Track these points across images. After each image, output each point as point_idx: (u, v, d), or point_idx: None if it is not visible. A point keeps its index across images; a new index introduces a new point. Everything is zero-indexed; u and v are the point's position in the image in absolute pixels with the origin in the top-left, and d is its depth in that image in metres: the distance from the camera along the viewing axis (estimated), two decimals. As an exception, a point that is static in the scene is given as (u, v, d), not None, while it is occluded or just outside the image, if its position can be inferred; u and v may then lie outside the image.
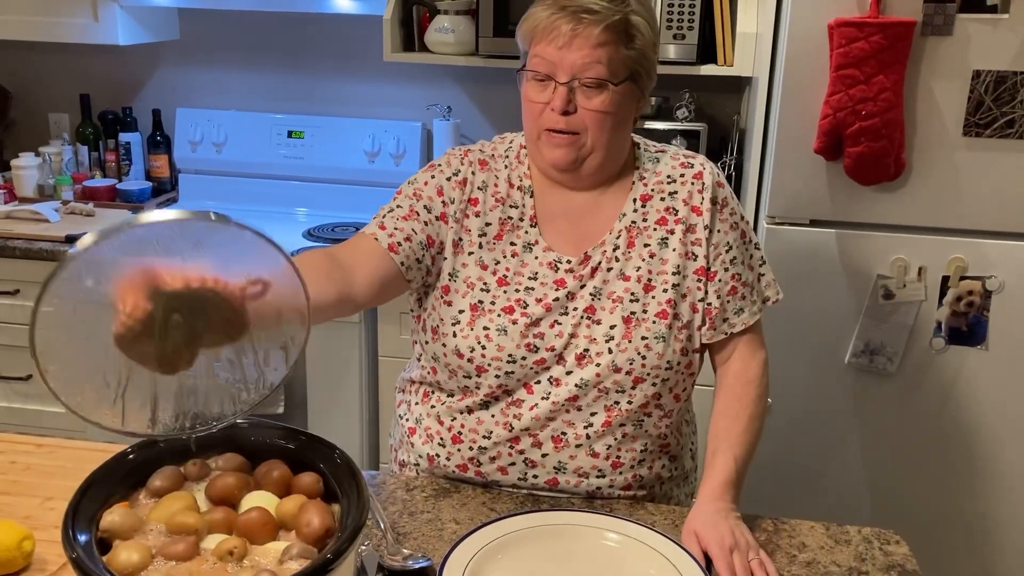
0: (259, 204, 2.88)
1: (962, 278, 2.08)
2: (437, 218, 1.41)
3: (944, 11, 1.92)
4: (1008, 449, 2.16)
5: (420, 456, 1.47)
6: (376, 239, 1.39)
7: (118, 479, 1.02)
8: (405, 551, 1.22)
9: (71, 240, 2.60)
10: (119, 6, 2.70)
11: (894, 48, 1.90)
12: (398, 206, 1.43)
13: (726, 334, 1.42)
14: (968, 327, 2.10)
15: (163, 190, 3.04)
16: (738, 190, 2.46)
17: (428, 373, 1.46)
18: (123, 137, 3.03)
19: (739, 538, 1.25)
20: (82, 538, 0.91)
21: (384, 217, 1.42)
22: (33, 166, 2.94)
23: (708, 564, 1.22)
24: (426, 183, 1.43)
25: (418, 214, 1.41)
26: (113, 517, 0.96)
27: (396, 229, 1.39)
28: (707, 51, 2.45)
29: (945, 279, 2.08)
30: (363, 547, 1.19)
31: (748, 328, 1.43)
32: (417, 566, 1.19)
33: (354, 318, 2.45)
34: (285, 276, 0.95)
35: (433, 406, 1.45)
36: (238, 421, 1.06)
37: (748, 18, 2.38)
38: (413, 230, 1.40)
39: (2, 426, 2.56)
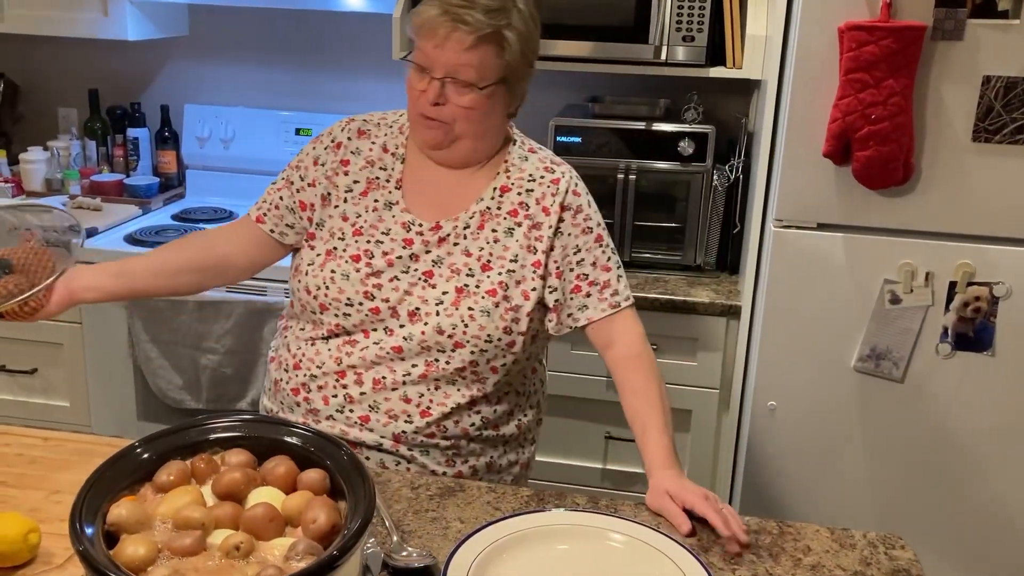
0: (266, 201, 2.88)
1: (969, 284, 2.07)
2: (310, 184, 1.60)
3: (955, 16, 1.92)
4: (1014, 455, 2.15)
5: (270, 381, 1.64)
6: (248, 213, 1.65)
7: (125, 473, 1.03)
8: (409, 549, 1.22)
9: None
10: (129, 2, 2.70)
11: (904, 52, 1.89)
12: (280, 178, 1.64)
13: (571, 328, 1.57)
14: (975, 333, 2.10)
15: (170, 186, 3.05)
16: (745, 193, 2.46)
17: (290, 309, 1.65)
18: (131, 132, 3.04)
19: (707, 492, 1.35)
20: (89, 531, 0.91)
21: (266, 189, 1.65)
22: (41, 160, 2.94)
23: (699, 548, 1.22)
24: (307, 154, 1.63)
25: (291, 183, 1.62)
26: (120, 511, 0.96)
27: (264, 201, 1.64)
28: (716, 53, 2.45)
29: (952, 284, 2.08)
30: (368, 545, 1.19)
31: (620, 314, 1.56)
32: (421, 564, 1.19)
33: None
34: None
35: (286, 337, 1.63)
36: (245, 417, 1.07)
37: (758, 21, 2.38)
38: (281, 198, 1.62)
39: (8, 419, 2.57)
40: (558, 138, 2.49)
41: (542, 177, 1.58)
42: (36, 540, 1.15)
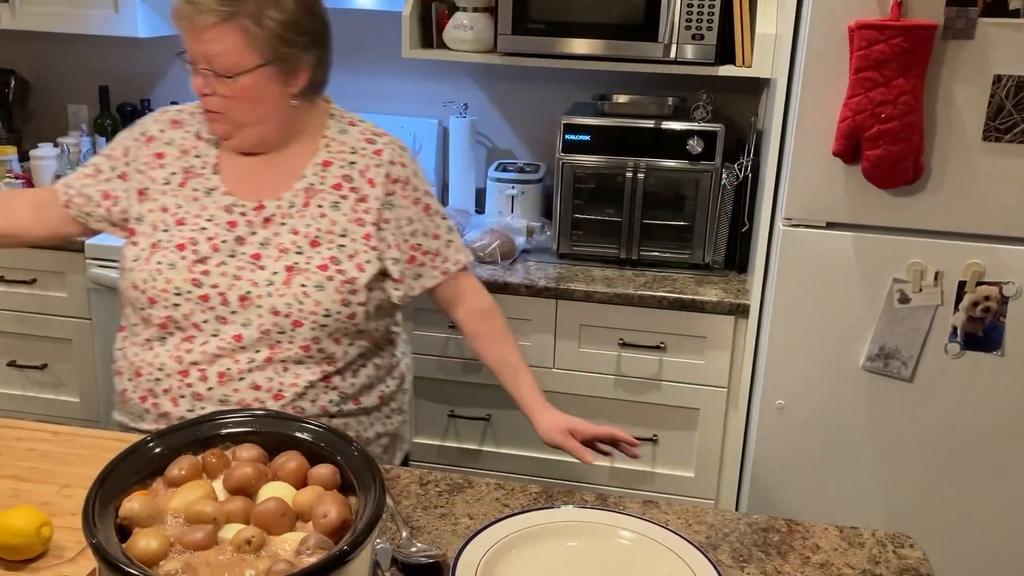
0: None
1: (979, 283, 2.07)
2: (119, 176, 1.59)
3: (966, 15, 1.91)
4: (1023, 455, 2.15)
5: (117, 392, 1.60)
6: (56, 191, 1.63)
7: (137, 468, 1.03)
8: (419, 545, 1.22)
9: (88, 231, 2.62)
10: (139, -1, 2.72)
11: (915, 51, 1.89)
12: (92, 164, 1.62)
13: (410, 297, 1.60)
14: (984, 333, 2.09)
15: (180, 183, 3.05)
16: (755, 192, 2.45)
17: (124, 314, 1.60)
18: (141, 129, 3.04)
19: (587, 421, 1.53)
20: (102, 524, 0.92)
21: (71, 176, 1.63)
22: (52, 157, 2.95)
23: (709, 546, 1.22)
24: (119, 143, 1.62)
25: (100, 172, 1.61)
26: (132, 505, 0.96)
27: (70, 187, 1.61)
28: (726, 52, 2.45)
29: (962, 284, 2.07)
30: (378, 541, 1.19)
31: (455, 277, 1.63)
32: (431, 560, 1.19)
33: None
34: None
35: (123, 346, 1.59)
36: (256, 412, 1.07)
37: (768, 19, 2.37)
38: (87, 186, 1.60)
39: (18, 415, 2.58)
40: (567, 136, 2.49)
41: (363, 149, 1.58)
42: (48, 534, 1.16)
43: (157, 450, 1.06)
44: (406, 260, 1.58)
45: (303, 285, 1.48)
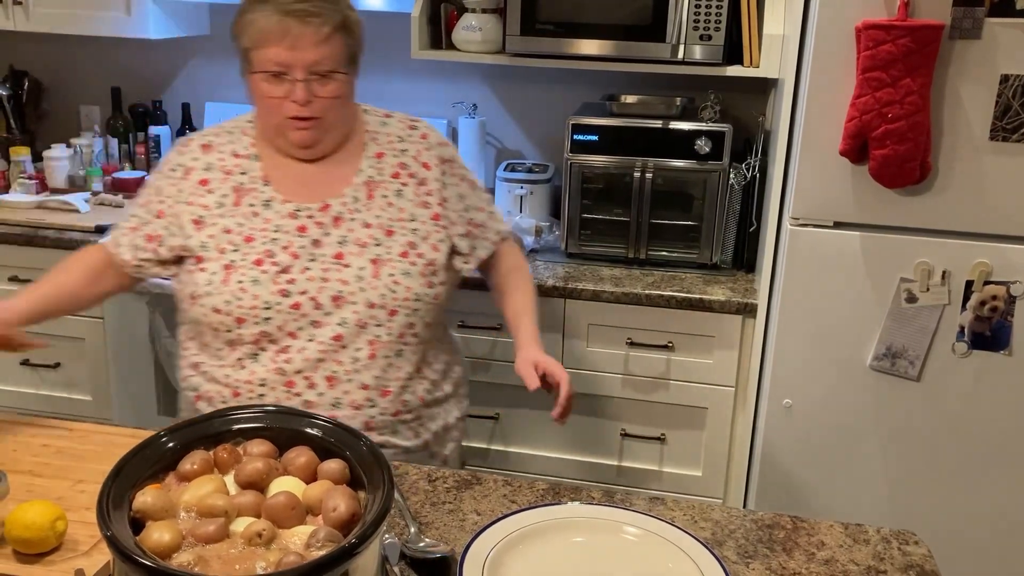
0: (285, 198, 2.91)
1: (986, 283, 2.07)
2: (155, 216, 1.60)
3: (973, 15, 1.92)
4: (1030, 455, 2.15)
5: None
6: (106, 250, 1.63)
7: (150, 462, 1.05)
8: (427, 540, 1.24)
9: (100, 230, 2.64)
10: (151, 1, 2.74)
11: (922, 51, 1.89)
12: (132, 216, 1.64)
13: (470, 269, 1.69)
14: (992, 332, 2.10)
15: (191, 183, 3.08)
16: (762, 192, 2.46)
17: (192, 343, 1.60)
18: (153, 130, 3.07)
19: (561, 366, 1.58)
20: (116, 517, 0.93)
21: (118, 232, 1.64)
22: (64, 157, 2.98)
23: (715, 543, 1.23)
24: (151, 186, 1.63)
25: (139, 218, 1.62)
26: (146, 498, 0.98)
27: (119, 244, 1.62)
28: (733, 52, 2.46)
29: (969, 283, 2.08)
30: (386, 536, 1.21)
31: (504, 239, 1.75)
32: (438, 555, 1.20)
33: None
34: None
35: (205, 371, 1.57)
36: (267, 408, 1.08)
37: (775, 20, 2.38)
38: (133, 239, 1.61)
39: (31, 413, 2.60)
40: (575, 136, 2.50)
41: (409, 136, 1.66)
42: (63, 528, 1.18)
43: (170, 445, 1.07)
44: (465, 234, 1.66)
45: (391, 274, 1.54)
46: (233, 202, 1.56)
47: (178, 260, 1.59)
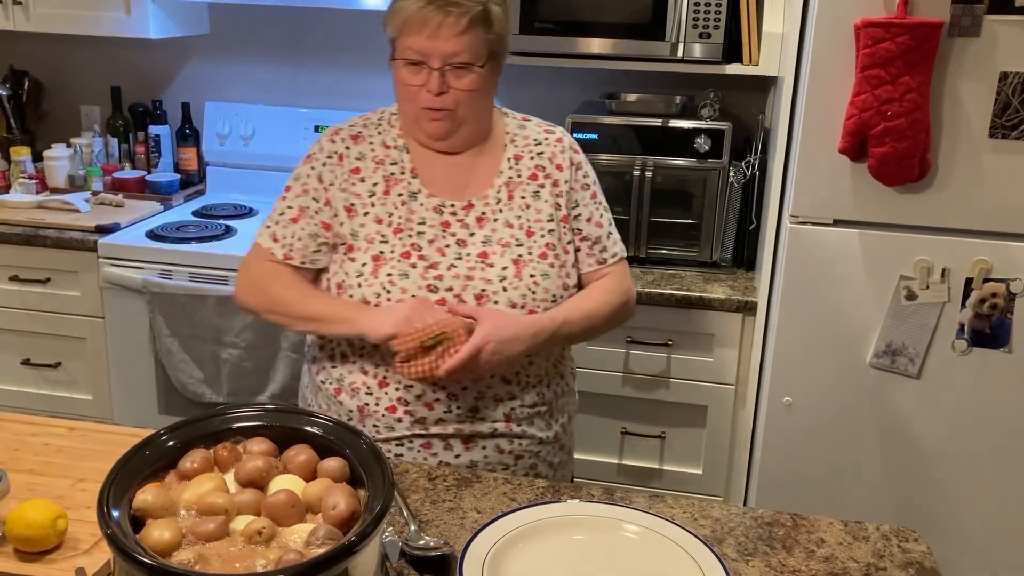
0: (285, 197, 2.91)
1: (986, 280, 2.07)
2: (324, 204, 1.58)
3: (972, 12, 1.92)
4: (1030, 452, 2.15)
5: (351, 411, 1.58)
6: (272, 252, 1.59)
7: (150, 460, 1.05)
8: (427, 538, 1.24)
9: (100, 230, 2.64)
10: (151, 1, 2.74)
11: (921, 49, 1.89)
12: (288, 207, 1.60)
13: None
14: (991, 329, 2.10)
15: (191, 183, 3.08)
16: (762, 190, 2.46)
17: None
18: (152, 130, 3.07)
19: (502, 336, 1.45)
20: (116, 515, 0.94)
21: (276, 226, 1.60)
22: (65, 157, 2.98)
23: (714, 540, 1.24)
24: (307, 175, 1.61)
25: (306, 209, 1.59)
26: (146, 496, 0.98)
27: (284, 236, 1.58)
28: (733, 50, 2.46)
29: (969, 281, 2.08)
30: (386, 534, 1.21)
31: (608, 266, 1.66)
32: (438, 553, 1.21)
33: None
34: None
35: (354, 362, 1.57)
36: (267, 407, 1.09)
37: (774, 17, 2.38)
38: (302, 229, 1.58)
39: (33, 412, 2.61)
40: (575, 134, 2.50)
41: (546, 139, 1.66)
42: (64, 526, 1.18)
43: (170, 443, 1.08)
44: (574, 240, 1.65)
45: (532, 275, 1.55)
46: (383, 191, 1.58)
47: (332, 248, 1.59)
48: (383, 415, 1.55)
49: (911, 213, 2.07)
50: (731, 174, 2.47)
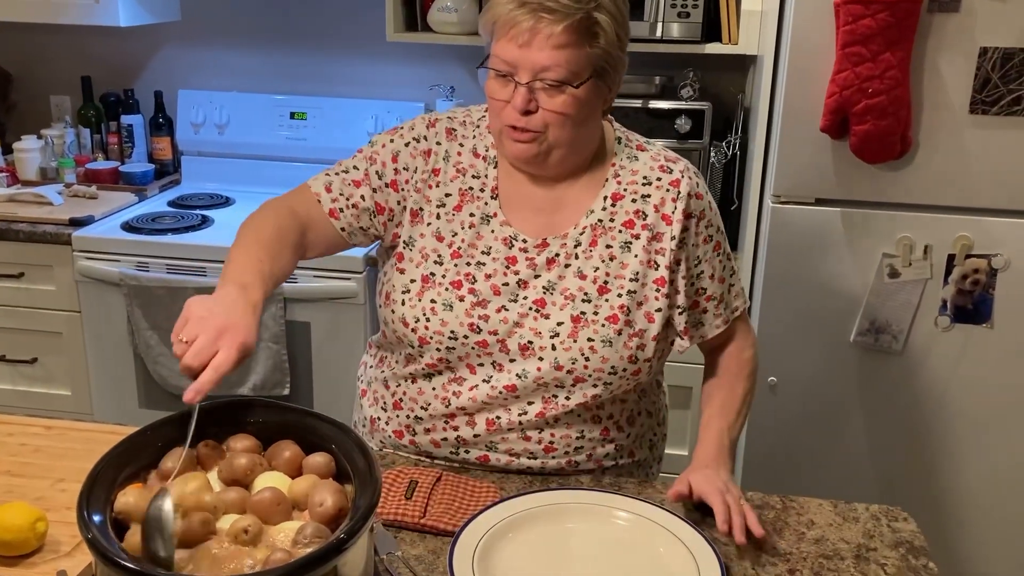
0: (261, 186, 2.86)
1: (968, 256, 2.07)
2: (387, 185, 1.41)
3: (951, -13, 1.91)
4: (1014, 426, 2.16)
5: (365, 418, 1.52)
6: (319, 200, 1.41)
7: (131, 461, 1.03)
8: (416, 530, 1.22)
9: (75, 223, 2.60)
10: (120, -13, 2.69)
11: (901, 25, 1.88)
12: (354, 167, 1.43)
13: (681, 349, 1.43)
14: (973, 305, 2.10)
15: (166, 172, 3.04)
16: (743, 169, 2.45)
17: (382, 338, 1.49)
18: (125, 119, 3.02)
19: (731, 487, 1.29)
20: (97, 519, 0.92)
21: (335, 176, 1.43)
22: (35, 149, 2.93)
23: (704, 524, 1.23)
24: (384, 146, 1.43)
25: (370, 180, 1.42)
26: (128, 498, 0.96)
27: (341, 194, 1.41)
28: (712, 29, 2.44)
29: (951, 257, 2.08)
30: (375, 527, 1.19)
31: (738, 318, 1.48)
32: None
33: (359, 298, 2.45)
34: None
35: (383, 371, 1.48)
36: (250, 400, 1.06)
37: (753, -4, 2.36)
38: (362, 196, 1.41)
39: (9, 409, 2.57)
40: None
41: (659, 179, 1.38)
42: (44, 528, 1.16)
43: (150, 443, 1.05)
44: (689, 306, 1.40)
45: (590, 339, 1.33)
46: (455, 205, 1.39)
47: (376, 238, 1.44)
48: (390, 436, 1.47)
49: (893, 191, 2.06)
50: (712, 154, 2.46)
